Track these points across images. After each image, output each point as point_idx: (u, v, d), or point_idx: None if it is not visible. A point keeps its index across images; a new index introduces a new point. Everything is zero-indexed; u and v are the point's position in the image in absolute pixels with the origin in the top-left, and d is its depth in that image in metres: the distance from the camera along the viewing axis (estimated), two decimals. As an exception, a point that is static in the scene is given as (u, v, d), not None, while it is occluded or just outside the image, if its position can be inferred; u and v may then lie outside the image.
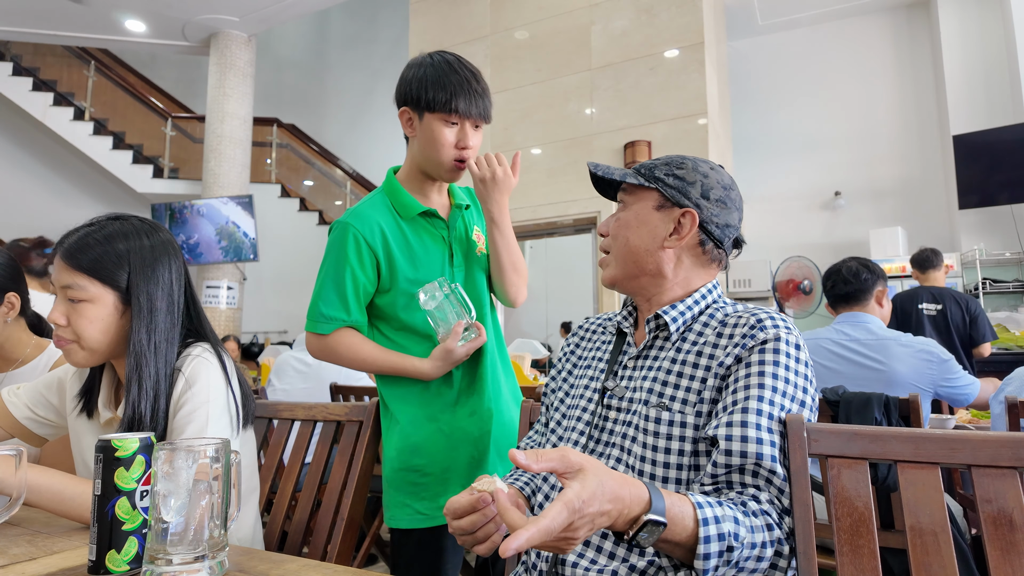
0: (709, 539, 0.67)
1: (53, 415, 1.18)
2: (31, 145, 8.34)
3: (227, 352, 1.10)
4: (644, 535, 0.64)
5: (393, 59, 9.07)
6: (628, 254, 0.95)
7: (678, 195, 0.93)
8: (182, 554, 0.65)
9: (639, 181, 0.94)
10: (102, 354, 1.04)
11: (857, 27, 6.51)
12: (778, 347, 0.83)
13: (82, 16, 6.69)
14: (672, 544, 0.67)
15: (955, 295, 3.40)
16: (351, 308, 1.24)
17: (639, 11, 4.96)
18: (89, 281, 1.00)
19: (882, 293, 2.03)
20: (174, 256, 1.08)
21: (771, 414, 0.79)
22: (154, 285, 1.04)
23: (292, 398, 2.88)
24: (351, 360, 1.25)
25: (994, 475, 0.74)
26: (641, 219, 0.94)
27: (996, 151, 5.21)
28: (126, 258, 1.02)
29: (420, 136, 1.25)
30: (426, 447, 1.23)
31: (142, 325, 1.01)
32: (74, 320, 1.01)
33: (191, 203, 7.10)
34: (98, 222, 1.05)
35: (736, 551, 0.69)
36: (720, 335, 0.88)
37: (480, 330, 1.26)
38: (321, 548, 1.10)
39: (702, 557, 0.66)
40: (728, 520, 0.69)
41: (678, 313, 0.93)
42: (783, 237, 6.44)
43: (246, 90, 7.08)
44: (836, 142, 6.46)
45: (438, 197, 1.33)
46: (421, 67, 1.25)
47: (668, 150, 4.72)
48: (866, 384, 1.84)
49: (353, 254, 1.23)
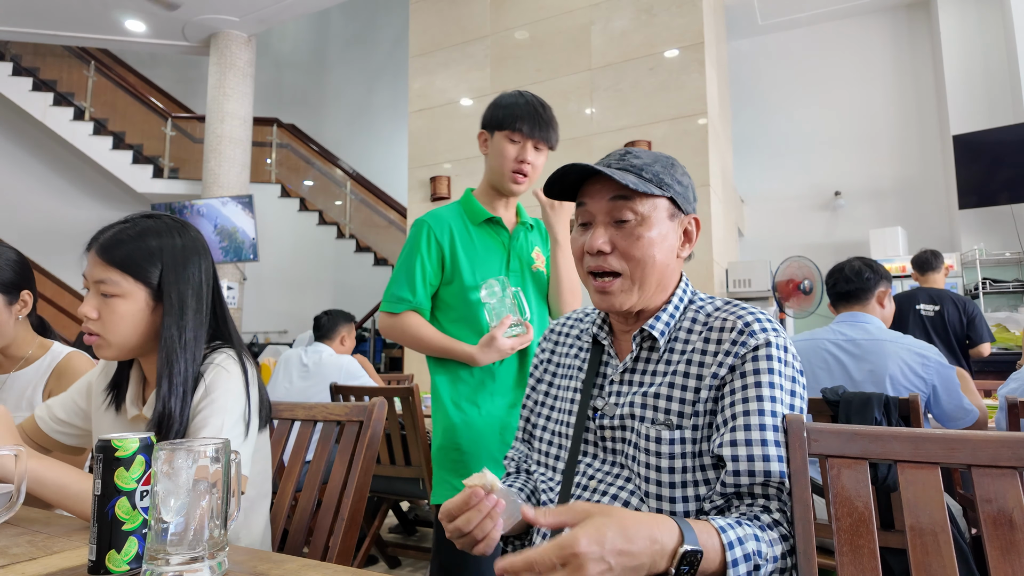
0: (737, 562, 0.67)
1: (85, 423, 1.18)
2: (31, 145, 8.33)
3: (250, 358, 1.11)
4: (685, 568, 0.63)
5: (393, 59, 9.07)
6: (652, 275, 0.86)
7: (685, 202, 0.89)
8: (182, 554, 0.65)
9: (648, 189, 0.84)
10: (130, 349, 1.05)
11: (857, 27, 6.51)
12: (770, 353, 0.82)
13: (82, 16, 6.69)
14: (702, 574, 0.66)
15: (953, 297, 3.40)
16: (417, 291, 1.42)
17: (639, 11, 4.96)
18: (122, 276, 1.01)
19: (884, 294, 2.01)
20: (204, 255, 1.09)
21: (775, 426, 0.79)
22: (185, 283, 1.05)
23: (292, 397, 2.88)
24: (412, 339, 1.43)
25: (994, 475, 0.74)
26: (663, 233, 0.86)
27: (996, 151, 5.20)
28: (159, 255, 1.04)
29: (490, 152, 1.46)
30: (466, 428, 1.38)
31: (173, 322, 1.02)
32: (105, 315, 1.02)
33: (191, 203, 7.10)
34: (132, 219, 1.07)
35: (762, 568, 0.69)
36: (708, 340, 0.86)
37: (529, 329, 1.39)
38: (321, 548, 1.10)
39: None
40: (750, 539, 0.70)
41: (664, 325, 0.89)
42: (783, 237, 6.44)
43: (246, 90, 7.08)
44: (836, 142, 6.46)
45: (505, 211, 1.52)
46: (501, 98, 1.47)
47: (668, 150, 4.72)
48: (860, 384, 1.83)
49: (424, 246, 1.42)
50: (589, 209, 0.87)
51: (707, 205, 4.54)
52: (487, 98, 5.56)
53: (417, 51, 5.99)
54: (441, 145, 5.74)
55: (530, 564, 0.58)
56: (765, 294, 4.88)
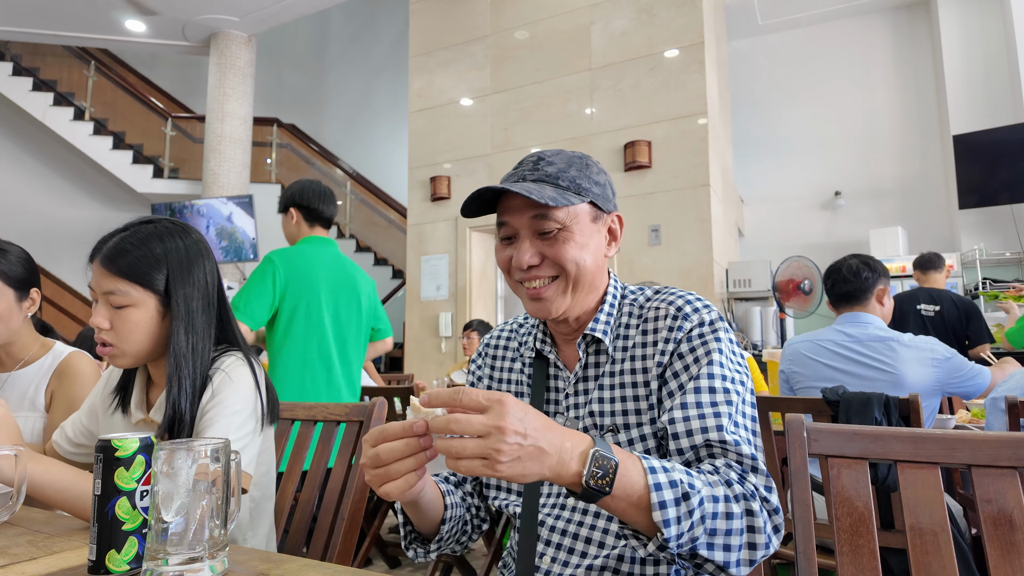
0: (660, 486, 0.63)
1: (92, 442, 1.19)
2: (31, 145, 8.33)
3: (258, 361, 1.11)
4: (598, 472, 0.60)
5: (393, 59, 9.07)
6: (584, 279, 0.85)
7: (605, 201, 0.88)
8: (182, 554, 0.65)
9: (567, 200, 0.82)
10: (144, 356, 1.05)
11: (857, 27, 6.51)
12: (704, 332, 0.82)
13: (82, 16, 6.69)
14: (626, 503, 0.63)
15: (953, 297, 3.42)
16: None
17: (639, 11, 4.96)
18: (131, 286, 1.01)
19: (883, 291, 1.99)
20: (207, 256, 1.09)
21: (712, 387, 0.78)
22: (191, 286, 1.05)
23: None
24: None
25: (994, 475, 0.74)
26: (587, 236, 0.85)
27: (996, 151, 5.21)
28: (164, 260, 1.03)
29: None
30: None
31: (181, 326, 1.02)
32: (118, 325, 1.02)
33: (191, 203, 7.10)
34: (132, 226, 1.06)
35: (694, 499, 0.64)
36: (645, 332, 0.86)
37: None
38: (321, 548, 1.10)
39: (658, 506, 0.62)
40: (678, 471, 0.66)
41: (604, 325, 0.88)
42: (783, 237, 6.45)
43: (246, 90, 7.08)
44: (836, 142, 6.46)
45: None
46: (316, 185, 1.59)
47: (668, 150, 4.72)
48: (872, 385, 1.82)
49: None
50: (512, 225, 0.85)
51: (707, 205, 4.54)
52: (487, 98, 5.58)
53: (417, 51, 5.99)
54: (441, 145, 5.74)
55: (455, 396, 0.59)
56: (765, 294, 4.88)
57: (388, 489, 0.64)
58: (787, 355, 2.05)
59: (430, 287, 5.65)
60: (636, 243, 4.76)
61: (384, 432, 0.65)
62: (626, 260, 4.80)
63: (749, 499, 0.69)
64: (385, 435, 0.64)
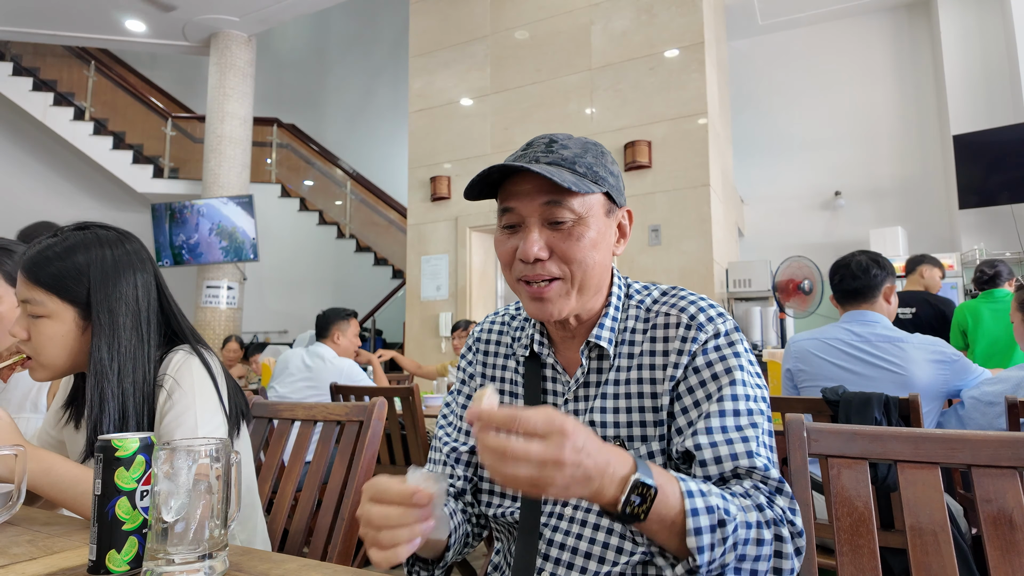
0: (697, 511, 0.60)
1: (63, 449, 1.16)
2: (31, 145, 8.33)
3: (211, 350, 1.07)
4: (636, 499, 0.57)
5: (393, 59, 9.07)
6: (592, 278, 0.78)
7: (619, 194, 0.81)
8: (182, 554, 0.65)
9: (587, 187, 0.75)
10: (63, 370, 1.00)
11: (857, 27, 6.51)
12: (720, 344, 0.77)
13: (82, 16, 6.69)
14: (659, 526, 0.60)
15: (928, 297, 3.55)
16: None
17: (639, 11, 4.96)
18: (47, 296, 0.96)
19: (891, 290, 1.92)
20: (140, 268, 1.02)
21: (736, 410, 0.74)
22: (116, 300, 0.98)
23: (292, 398, 2.88)
24: None
25: (994, 475, 0.74)
26: (600, 232, 0.78)
27: (996, 151, 5.21)
28: (86, 272, 0.97)
29: None
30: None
31: (103, 342, 0.96)
32: (34, 336, 0.97)
33: (191, 203, 7.10)
34: (61, 233, 1.01)
35: (729, 526, 0.61)
36: (654, 341, 0.80)
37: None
38: (321, 548, 1.10)
39: (693, 532, 0.59)
40: (714, 495, 0.63)
41: (609, 332, 0.81)
42: (783, 237, 6.44)
43: (246, 90, 7.08)
44: (836, 142, 6.46)
45: None
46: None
47: (668, 150, 4.72)
48: (880, 385, 1.79)
49: None
50: (519, 212, 0.77)
51: (707, 205, 4.54)
52: (487, 98, 5.58)
53: (417, 51, 5.99)
54: (441, 145, 5.74)
55: (513, 419, 0.54)
56: (765, 294, 4.88)
57: (374, 557, 0.58)
58: (792, 353, 1.99)
59: (430, 287, 5.65)
60: (636, 243, 4.75)
61: (381, 493, 0.59)
62: (626, 260, 4.80)
63: (779, 524, 0.67)
64: (381, 496, 0.59)
